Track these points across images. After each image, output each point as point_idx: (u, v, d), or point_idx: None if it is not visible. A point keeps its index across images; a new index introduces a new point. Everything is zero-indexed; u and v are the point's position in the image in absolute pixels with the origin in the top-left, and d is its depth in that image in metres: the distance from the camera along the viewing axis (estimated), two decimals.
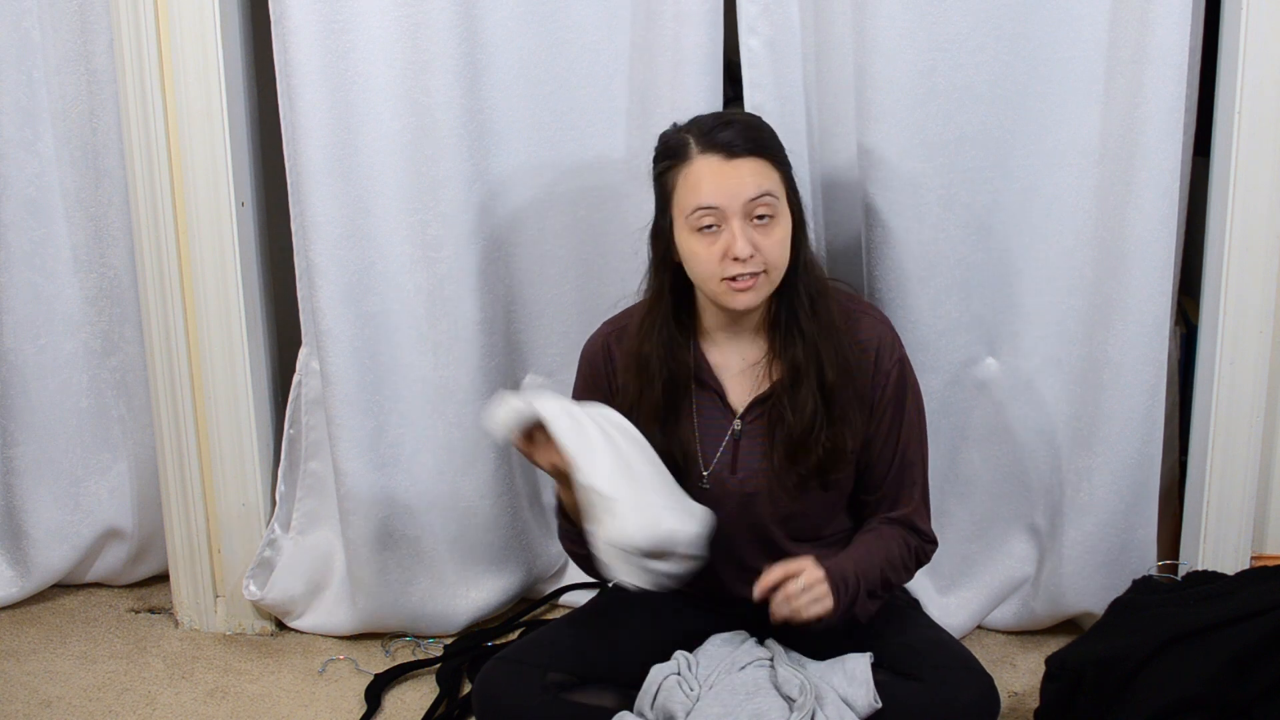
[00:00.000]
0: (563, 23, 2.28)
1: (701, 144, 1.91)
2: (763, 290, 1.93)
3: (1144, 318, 2.22)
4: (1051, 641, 2.42)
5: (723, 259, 1.90)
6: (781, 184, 1.93)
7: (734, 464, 2.01)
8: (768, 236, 1.90)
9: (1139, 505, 2.33)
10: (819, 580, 1.87)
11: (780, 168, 1.94)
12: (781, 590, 1.86)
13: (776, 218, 1.91)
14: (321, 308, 2.35)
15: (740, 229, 1.89)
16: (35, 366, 2.56)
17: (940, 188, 2.23)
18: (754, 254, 1.89)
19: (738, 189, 1.89)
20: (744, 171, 1.89)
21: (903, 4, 2.14)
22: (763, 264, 1.90)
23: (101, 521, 2.65)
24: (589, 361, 2.11)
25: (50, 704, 2.34)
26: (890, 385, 2.00)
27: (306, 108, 2.27)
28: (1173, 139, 2.15)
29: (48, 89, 2.45)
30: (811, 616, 1.86)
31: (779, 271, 1.94)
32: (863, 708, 1.89)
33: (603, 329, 2.11)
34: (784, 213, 1.92)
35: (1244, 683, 1.89)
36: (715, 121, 1.94)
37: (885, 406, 2.01)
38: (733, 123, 1.94)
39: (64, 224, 2.52)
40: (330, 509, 2.53)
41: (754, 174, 1.89)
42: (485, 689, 2.01)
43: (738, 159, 1.89)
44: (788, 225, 1.93)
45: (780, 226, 1.91)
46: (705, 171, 1.90)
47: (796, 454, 1.97)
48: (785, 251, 1.93)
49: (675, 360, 2.01)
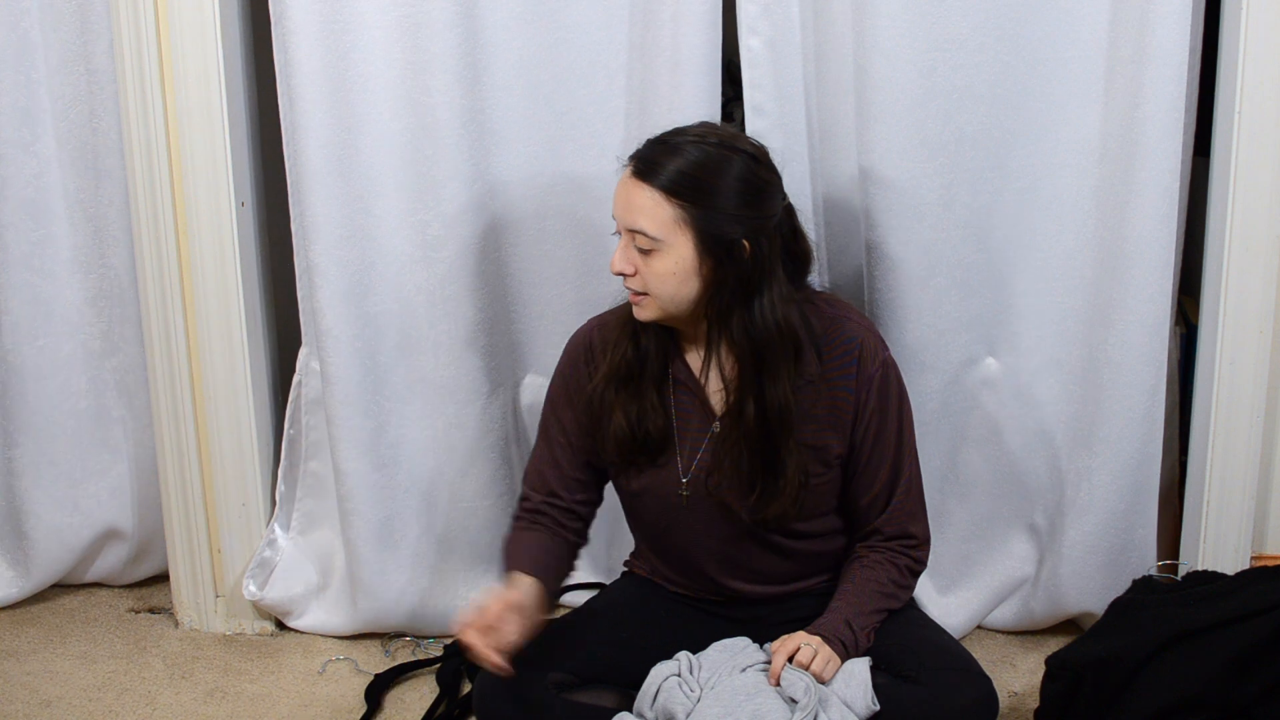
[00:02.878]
0: (562, 23, 2.28)
1: (635, 156, 1.94)
2: (649, 310, 1.95)
3: (1144, 318, 2.22)
4: (1051, 641, 2.42)
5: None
6: (682, 226, 1.88)
7: (710, 464, 2.02)
8: (646, 264, 1.92)
9: (1139, 505, 2.33)
10: (817, 649, 1.91)
11: (692, 210, 1.88)
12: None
13: (656, 253, 1.90)
14: (321, 308, 2.35)
15: (623, 245, 1.93)
16: (35, 367, 2.56)
17: (940, 188, 2.23)
18: (632, 273, 1.92)
19: (622, 211, 1.92)
20: (636, 198, 1.90)
21: (903, 4, 2.14)
22: (642, 285, 1.93)
23: (101, 522, 2.64)
24: (568, 355, 2.12)
25: (50, 704, 2.34)
26: (874, 391, 2.00)
27: (306, 108, 2.27)
28: (1173, 139, 2.15)
29: (48, 89, 2.45)
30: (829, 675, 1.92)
31: (667, 301, 1.93)
32: (861, 710, 1.89)
33: (589, 324, 2.12)
34: (673, 252, 1.90)
35: (1244, 683, 1.89)
36: (666, 141, 1.93)
37: (870, 413, 2.00)
38: (662, 146, 1.92)
39: (64, 224, 2.52)
40: (330, 509, 2.53)
41: (645, 206, 1.89)
42: (485, 690, 2.01)
43: (638, 183, 1.90)
44: (678, 263, 1.90)
45: (661, 260, 1.90)
46: (619, 182, 1.94)
47: (757, 504, 1.99)
48: (669, 286, 1.92)
49: (662, 357, 2.02)
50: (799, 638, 1.93)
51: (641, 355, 2.02)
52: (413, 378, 2.42)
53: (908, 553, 2.05)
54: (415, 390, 2.42)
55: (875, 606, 2.00)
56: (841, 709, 1.88)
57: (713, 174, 1.90)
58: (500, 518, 2.49)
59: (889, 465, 2.02)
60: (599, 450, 2.08)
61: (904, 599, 2.06)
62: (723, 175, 1.90)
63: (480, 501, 2.48)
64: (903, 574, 2.04)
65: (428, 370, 2.41)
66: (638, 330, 2.02)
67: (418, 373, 2.42)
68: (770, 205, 1.93)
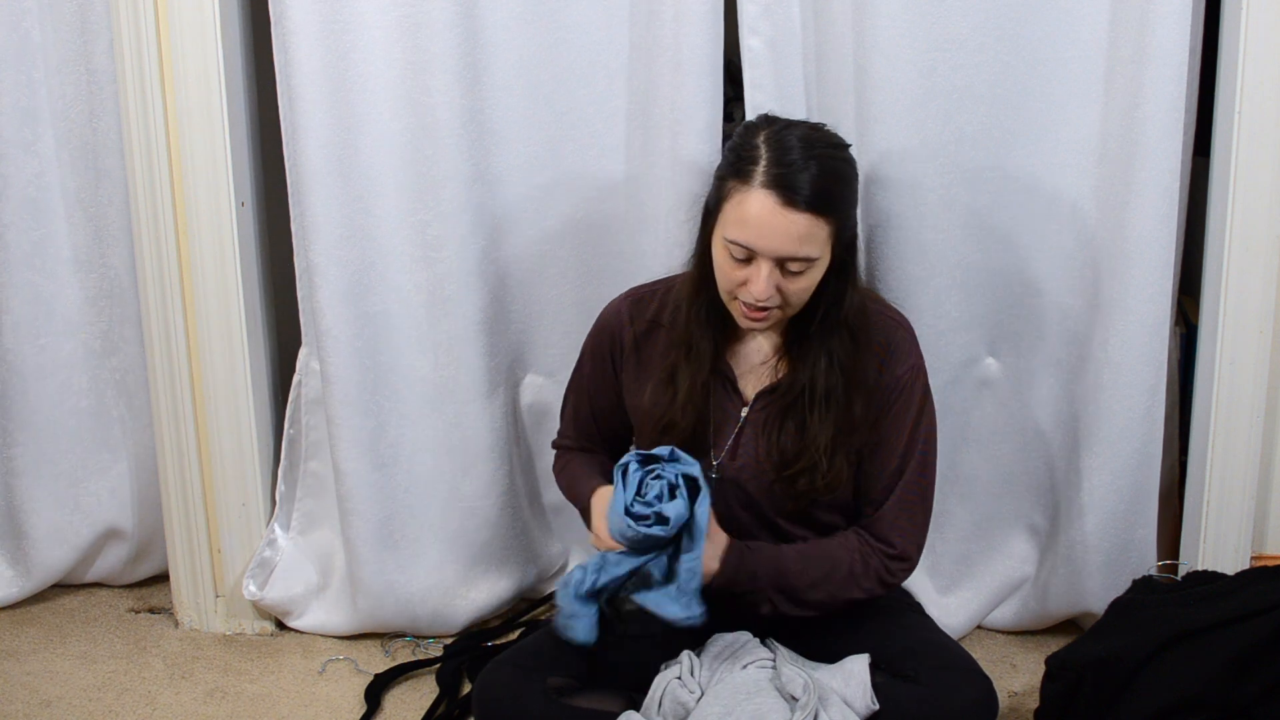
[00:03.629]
0: (562, 23, 2.28)
1: (768, 176, 1.83)
2: (771, 322, 1.93)
3: (1144, 318, 2.22)
4: (1051, 641, 2.42)
5: (743, 285, 1.89)
6: (829, 240, 1.87)
7: (735, 449, 2.02)
8: (793, 283, 1.88)
9: (1139, 505, 2.33)
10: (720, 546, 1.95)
11: (837, 220, 1.87)
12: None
13: (811, 268, 1.88)
14: (321, 308, 2.35)
15: (768, 274, 1.86)
16: (35, 366, 2.56)
17: (940, 188, 2.23)
18: (773, 296, 1.88)
19: (779, 243, 1.83)
20: (793, 227, 1.83)
21: (903, 4, 2.14)
22: (780, 303, 1.90)
23: (101, 521, 2.65)
24: (601, 327, 2.12)
25: (50, 704, 2.34)
26: (899, 392, 1.99)
27: (306, 108, 2.27)
28: (1173, 139, 2.15)
29: (48, 89, 2.45)
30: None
31: (795, 309, 1.93)
32: (861, 709, 1.89)
33: (624, 296, 2.12)
34: (822, 263, 1.89)
35: (1244, 683, 1.89)
36: (798, 157, 1.84)
37: (891, 414, 1.99)
38: (811, 162, 1.84)
39: (64, 224, 2.52)
40: (330, 509, 2.53)
41: (802, 233, 1.83)
42: (486, 693, 2.00)
43: (793, 211, 1.82)
44: (822, 269, 1.90)
45: (808, 276, 1.89)
46: (756, 209, 1.83)
47: (788, 477, 1.98)
48: (809, 292, 1.91)
49: (718, 343, 2.02)
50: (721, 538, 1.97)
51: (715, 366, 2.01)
52: (413, 378, 2.42)
53: (883, 558, 2.01)
54: (415, 390, 2.42)
55: (805, 582, 1.98)
56: (841, 707, 1.88)
57: (842, 183, 1.89)
58: (500, 517, 2.49)
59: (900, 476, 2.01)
60: (633, 421, 2.11)
61: (851, 594, 2.00)
62: (848, 182, 1.91)
63: (480, 501, 2.48)
64: (866, 571, 2.00)
65: (428, 370, 2.41)
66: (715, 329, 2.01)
67: (418, 373, 2.42)
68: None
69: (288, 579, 2.52)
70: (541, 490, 2.59)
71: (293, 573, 2.53)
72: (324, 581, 2.56)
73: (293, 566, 2.54)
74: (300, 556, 2.55)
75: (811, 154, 1.85)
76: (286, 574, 2.53)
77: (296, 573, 2.54)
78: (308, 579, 2.54)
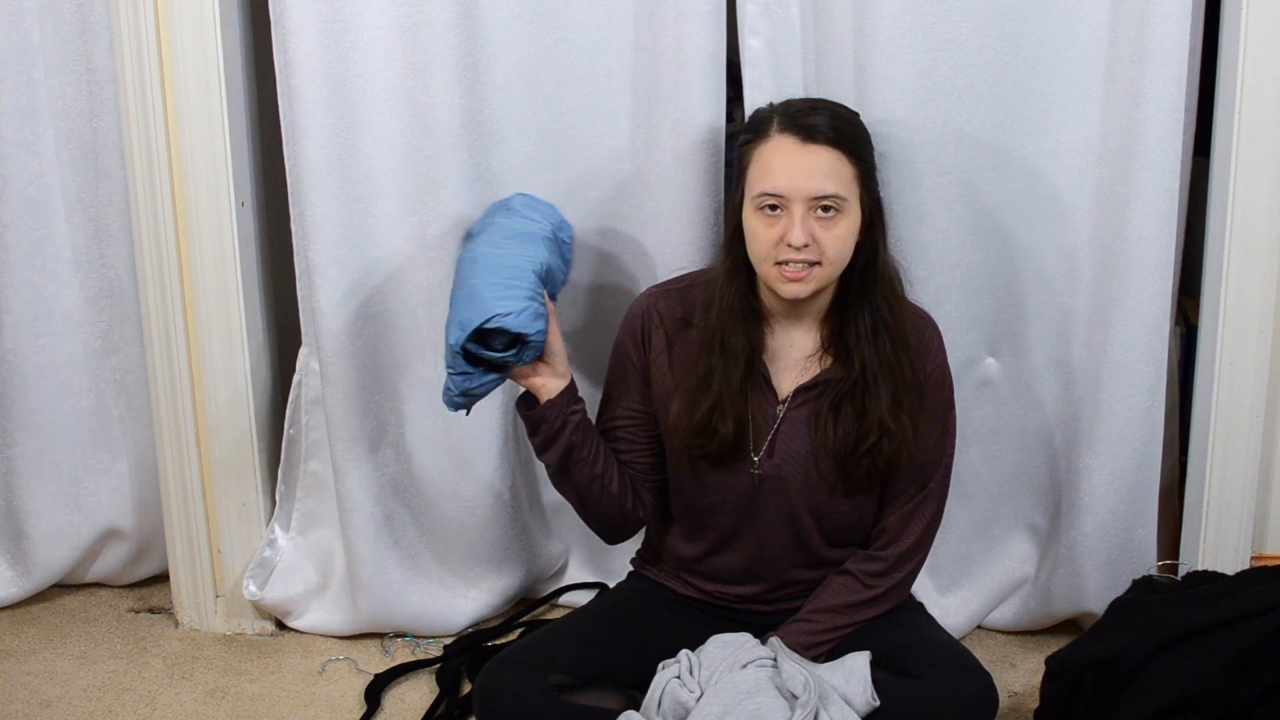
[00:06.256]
0: (563, 23, 2.27)
1: (783, 122, 1.91)
2: (813, 283, 1.92)
3: (1144, 318, 2.22)
4: (1051, 641, 2.42)
5: (778, 243, 1.90)
6: (856, 181, 1.91)
7: (772, 448, 2.02)
8: (828, 230, 1.89)
9: (1139, 505, 2.33)
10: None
11: (859, 163, 1.92)
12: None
13: (842, 213, 1.90)
14: (321, 308, 2.35)
15: (801, 218, 1.88)
16: (35, 366, 2.56)
17: (940, 188, 2.23)
18: (809, 244, 1.88)
19: (805, 181, 1.88)
20: (817, 161, 1.88)
21: (903, 4, 2.14)
22: (818, 255, 1.90)
23: (101, 521, 2.64)
24: (628, 324, 2.11)
25: (50, 704, 2.34)
26: (927, 387, 2.01)
27: (306, 108, 2.27)
28: (1173, 139, 2.15)
29: (48, 89, 2.45)
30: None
31: (835, 266, 1.93)
32: (861, 705, 1.89)
33: (647, 294, 2.13)
34: (852, 210, 1.91)
35: (1244, 683, 1.89)
36: (805, 105, 1.95)
37: (924, 406, 2.02)
38: (821, 109, 1.94)
39: (64, 224, 2.52)
40: (330, 509, 2.53)
41: (826, 167, 1.88)
42: (486, 691, 2.01)
43: (814, 145, 1.88)
44: (854, 221, 1.92)
45: (844, 222, 1.91)
46: (778, 152, 1.90)
47: (847, 459, 1.99)
48: (846, 247, 1.93)
49: (753, 341, 2.02)
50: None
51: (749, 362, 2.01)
52: (413, 378, 2.42)
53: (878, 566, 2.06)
54: (415, 390, 2.42)
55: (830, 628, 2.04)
56: (841, 705, 1.88)
57: (857, 127, 1.96)
58: (500, 517, 2.49)
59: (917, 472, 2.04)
60: (660, 423, 2.09)
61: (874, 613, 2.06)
62: (863, 130, 1.97)
63: (480, 501, 2.47)
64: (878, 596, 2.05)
65: (428, 370, 2.41)
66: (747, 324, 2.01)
67: (418, 373, 2.42)
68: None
69: (288, 579, 2.52)
70: (541, 490, 2.59)
71: (293, 573, 2.53)
72: (324, 581, 2.56)
73: (293, 566, 2.54)
74: (300, 556, 2.55)
75: (822, 104, 1.96)
76: (286, 574, 2.53)
77: (296, 573, 2.54)
78: (308, 579, 2.54)
